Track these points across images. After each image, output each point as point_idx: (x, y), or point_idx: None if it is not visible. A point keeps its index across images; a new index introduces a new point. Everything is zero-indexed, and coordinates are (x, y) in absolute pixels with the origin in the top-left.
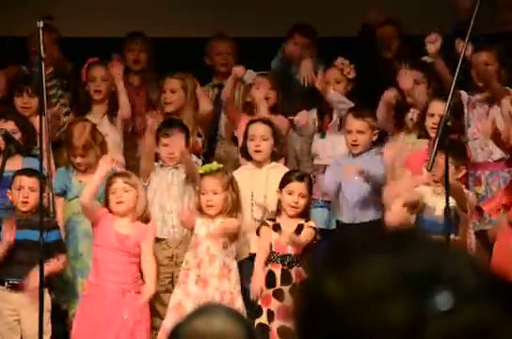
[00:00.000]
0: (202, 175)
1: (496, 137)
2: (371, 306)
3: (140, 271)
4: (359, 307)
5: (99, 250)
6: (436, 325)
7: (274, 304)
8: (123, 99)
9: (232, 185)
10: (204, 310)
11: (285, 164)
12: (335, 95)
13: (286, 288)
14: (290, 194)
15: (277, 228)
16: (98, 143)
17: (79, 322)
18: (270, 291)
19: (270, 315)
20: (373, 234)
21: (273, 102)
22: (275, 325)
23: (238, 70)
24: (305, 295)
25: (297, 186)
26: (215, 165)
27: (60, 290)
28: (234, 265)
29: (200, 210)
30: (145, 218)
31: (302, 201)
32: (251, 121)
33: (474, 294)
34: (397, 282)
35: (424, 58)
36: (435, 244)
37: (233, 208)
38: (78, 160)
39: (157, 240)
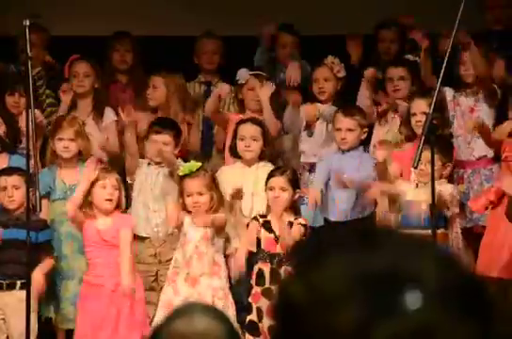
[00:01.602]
0: (183, 177)
1: (483, 131)
2: (324, 308)
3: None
4: (314, 308)
5: (88, 250)
6: (383, 328)
7: (263, 303)
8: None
9: (214, 182)
10: (184, 310)
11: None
12: (327, 109)
13: (275, 287)
14: (271, 190)
15: (266, 225)
16: (85, 138)
17: (81, 322)
18: (259, 289)
19: (259, 313)
20: (343, 233)
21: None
22: (265, 324)
23: (224, 88)
24: (277, 294)
25: (277, 181)
26: (194, 164)
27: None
28: (223, 261)
29: (186, 210)
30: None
31: (284, 195)
32: (241, 121)
33: (433, 297)
34: (354, 283)
35: (407, 57)
36: (402, 243)
37: (219, 205)
38: (66, 144)
39: (141, 239)
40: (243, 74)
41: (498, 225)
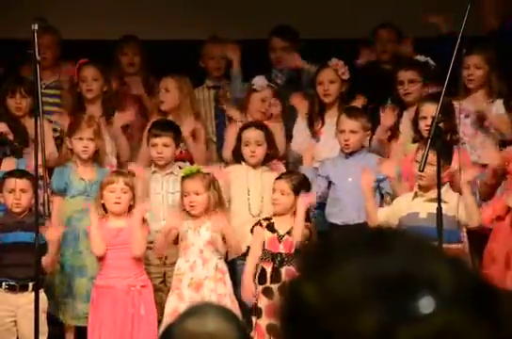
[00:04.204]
0: (184, 178)
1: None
2: (342, 311)
3: (142, 266)
4: (332, 311)
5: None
6: (405, 331)
7: (263, 301)
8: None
9: (213, 184)
10: (197, 310)
11: (285, 166)
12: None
13: (275, 286)
14: (273, 192)
15: (270, 227)
16: (101, 138)
17: (93, 325)
18: (260, 288)
19: (259, 313)
20: (355, 236)
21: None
22: (264, 322)
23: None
24: (286, 295)
25: (279, 184)
26: (195, 167)
27: (57, 289)
28: (226, 267)
29: (184, 212)
30: None
31: (282, 198)
32: (245, 126)
33: (449, 299)
34: (371, 286)
35: (417, 58)
36: (413, 245)
37: (216, 206)
38: (85, 144)
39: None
40: (260, 82)
41: (504, 237)
